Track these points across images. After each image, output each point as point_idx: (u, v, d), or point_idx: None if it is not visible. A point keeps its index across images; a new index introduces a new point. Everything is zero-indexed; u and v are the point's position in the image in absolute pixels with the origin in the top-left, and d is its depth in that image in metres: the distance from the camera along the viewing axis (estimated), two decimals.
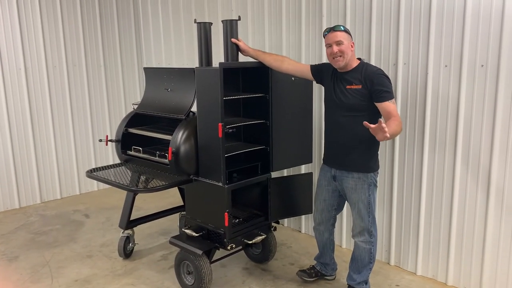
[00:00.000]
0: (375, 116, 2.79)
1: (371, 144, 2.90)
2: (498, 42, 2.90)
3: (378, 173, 2.99)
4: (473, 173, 3.14)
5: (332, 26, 2.90)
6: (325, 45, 2.89)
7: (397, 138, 3.48)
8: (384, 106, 2.75)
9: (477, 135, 3.08)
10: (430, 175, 3.36)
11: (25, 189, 5.31)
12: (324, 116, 3.11)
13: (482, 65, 2.99)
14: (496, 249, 3.10)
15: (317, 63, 3.19)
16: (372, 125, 2.48)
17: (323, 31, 2.95)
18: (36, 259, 3.90)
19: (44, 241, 4.29)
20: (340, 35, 2.81)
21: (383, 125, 2.41)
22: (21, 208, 5.25)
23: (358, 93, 2.81)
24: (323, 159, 3.20)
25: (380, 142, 2.94)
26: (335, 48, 2.81)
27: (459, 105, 3.12)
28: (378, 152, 3.01)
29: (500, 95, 2.93)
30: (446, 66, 3.16)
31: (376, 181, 2.97)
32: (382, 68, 2.96)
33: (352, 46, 2.85)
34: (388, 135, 2.42)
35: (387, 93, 2.74)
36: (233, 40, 3.21)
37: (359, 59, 2.93)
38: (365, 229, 3.00)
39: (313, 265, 3.47)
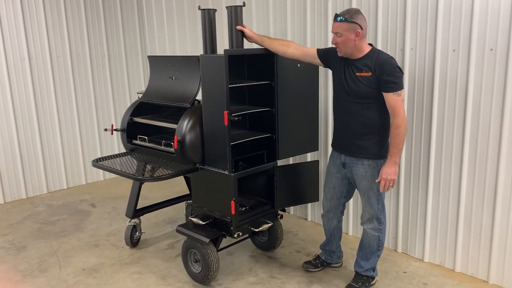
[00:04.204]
0: (384, 104, 2.76)
1: (381, 131, 2.86)
2: (508, 25, 2.84)
3: None
4: (482, 159, 3.10)
5: (338, 12, 2.84)
6: None
7: None
8: (389, 98, 2.71)
9: (486, 120, 3.04)
10: (438, 161, 3.33)
11: (31, 180, 5.33)
12: (332, 103, 3.08)
13: (491, 49, 2.94)
14: (505, 235, 3.08)
15: (324, 47, 3.13)
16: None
17: (329, 17, 2.89)
18: (43, 248, 3.93)
19: (51, 230, 4.32)
20: (338, 27, 2.74)
21: (385, 182, 2.78)
22: (28, 198, 5.27)
23: (368, 81, 2.76)
24: (332, 146, 3.17)
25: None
26: (333, 40, 2.79)
27: (468, 90, 3.08)
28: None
29: (509, 79, 2.88)
30: (454, 50, 3.11)
31: None
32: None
33: (357, 35, 2.73)
34: (392, 185, 2.80)
35: (394, 84, 2.69)
36: (238, 27, 3.17)
37: (370, 44, 2.87)
38: (374, 216, 2.98)
39: (318, 255, 3.47)
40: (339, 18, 2.74)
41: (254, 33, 3.19)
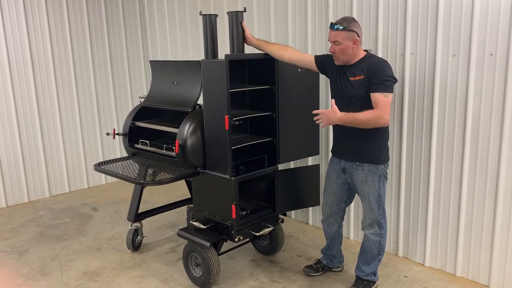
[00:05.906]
0: None
1: (381, 135, 2.88)
2: (508, 30, 2.85)
3: (388, 164, 2.96)
4: (482, 163, 3.10)
5: (335, 20, 2.86)
6: None
7: (405, 129, 3.45)
8: (374, 96, 2.70)
9: (486, 125, 3.04)
10: (439, 165, 3.33)
11: (33, 183, 5.35)
12: None
13: (491, 54, 2.94)
14: (506, 240, 3.08)
15: (321, 54, 3.15)
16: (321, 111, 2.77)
17: (329, 23, 2.91)
18: (45, 252, 3.94)
19: (53, 234, 4.33)
20: (336, 35, 2.75)
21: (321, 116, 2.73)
22: (30, 202, 5.29)
23: (361, 84, 2.78)
24: (332, 152, 3.18)
25: (389, 133, 2.91)
26: (331, 48, 2.80)
27: (468, 95, 3.09)
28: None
29: (509, 84, 2.89)
30: (454, 55, 3.12)
31: (386, 173, 2.95)
32: (389, 59, 2.94)
33: (355, 43, 2.76)
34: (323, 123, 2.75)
35: (381, 86, 2.68)
36: (244, 24, 3.19)
37: (365, 51, 2.89)
38: (375, 222, 2.98)
39: (319, 259, 3.47)
40: (336, 26, 2.76)
41: (253, 37, 3.21)
